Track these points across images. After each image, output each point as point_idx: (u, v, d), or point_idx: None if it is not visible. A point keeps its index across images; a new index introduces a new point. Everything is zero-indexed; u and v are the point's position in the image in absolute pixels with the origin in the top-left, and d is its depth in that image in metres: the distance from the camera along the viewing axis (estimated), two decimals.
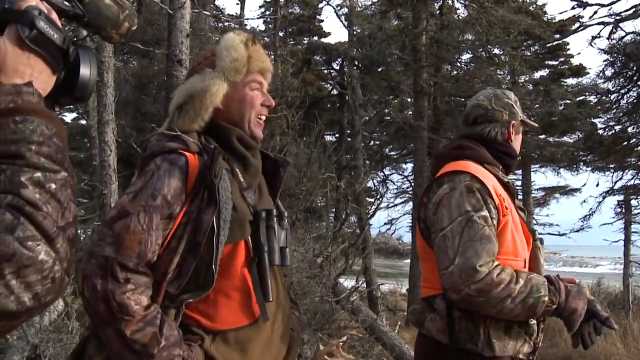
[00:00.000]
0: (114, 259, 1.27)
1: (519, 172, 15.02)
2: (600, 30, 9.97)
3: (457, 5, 11.32)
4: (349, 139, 13.24)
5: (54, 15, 0.80)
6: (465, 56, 11.80)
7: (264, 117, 1.58)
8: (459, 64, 11.88)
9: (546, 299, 1.76)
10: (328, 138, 15.06)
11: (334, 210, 12.89)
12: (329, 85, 16.27)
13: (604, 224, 13.07)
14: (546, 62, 14.45)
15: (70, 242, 0.69)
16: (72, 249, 0.69)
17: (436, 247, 1.83)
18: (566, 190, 15.48)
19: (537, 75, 14.75)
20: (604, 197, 12.55)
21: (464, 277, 1.71)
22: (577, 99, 13.05)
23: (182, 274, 1.36)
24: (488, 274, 1.71)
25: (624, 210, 12.89)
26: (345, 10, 13.21)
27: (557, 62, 14.73)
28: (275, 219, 1.50)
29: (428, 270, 1.96)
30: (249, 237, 1.45)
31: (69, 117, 15.02)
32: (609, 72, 10.65)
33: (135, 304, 1.26)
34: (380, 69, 13.18)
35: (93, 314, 1.28)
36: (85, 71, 0.82)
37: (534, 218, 14.38)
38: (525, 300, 1.74)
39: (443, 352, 1.86)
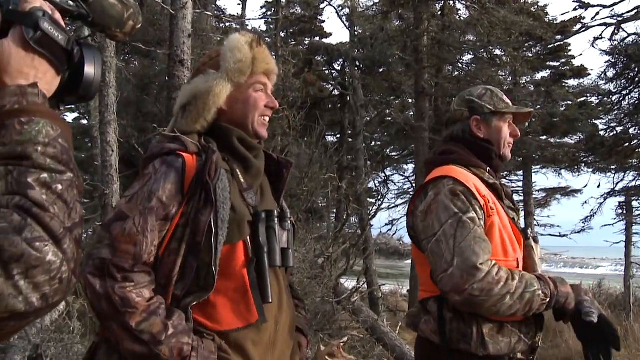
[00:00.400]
0: (110, 261, 1.29)
1: (520, 173, 15.03)
2: (602, 32, 9.95)
3: (459, 6, 11.31)
4: (350, 140, 13.25)
5: (58, 16, 0.80)
6: (467, 57, 11.81)
7: (267, 118, 1.58)
8: (460, 65, 11.88)
9: (540, 292, 1.78)
10: (329, 139, 15.10)
11: (335, 210, 12.91)
12: (330, 85, 16.29)
13: (605, 225, 13.07)
14: (548, 63, 14.43)
15: (77, 242, 0.69)
16: (79, 249, 0.69)
17: (430, 252, 1.84)
18: (567, 192, 15.48)
19: (538, 76, 14.75)
20: (605, 199, 12.57)
21: (465, 277, 1.71)
22: (579, 100, 13.06)
23: (185, 275, 1.36)
24: (489, 272, 1.72)
25: (625, 212, 12.88)
26: (347, 11, 13.22)
27: (558, 63, 14.72)
28: (276, 220, 1.49)
29: (423, 274, 1.97)
30: (248, 238, 1.44)
31: (70, 117, 15.05)
32: (610, 74, 10.66)
33: (137, 296, 1.28)
34: (381, 70, 13.20)
35: (97, 313, 1.29)
36: (89, 70, 0.82)
37: (534, 219, 14.38)
38: (522, 296, 1.75)
39: (437, 354, 1.87)
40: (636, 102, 10.65)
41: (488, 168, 2.00)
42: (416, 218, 1.94)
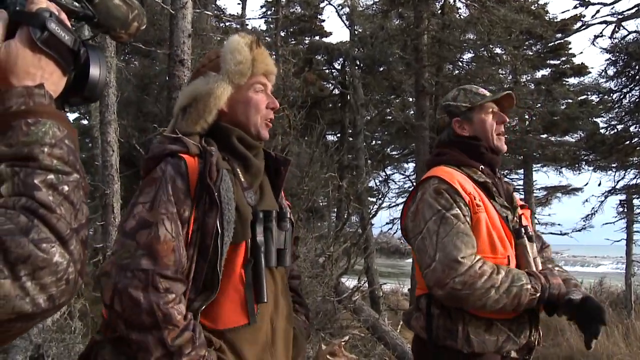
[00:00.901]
0: (154, 271, 1.28)
1: (521, 171, 15.03)
2: (603, 30, 9.98)
3: (459, 4, 11.29)
4: (351, 139, 13.23)
5: (64, 17, 0.80)
6: (467, 56, 11.78)
7: (270, 119, 1.58)
8: (460, 64, 11.85)
9: (529, 286, 1.80)
10: (330, 138, 15.09)
11: (335, 210, 12.91)
12: (330, 85, 16.29)
13: (606, 224, 13.04)
14: (548, 62, 14.44)
15: (83, 243, 0.69)
16: (85, 250, 0.69)
17: (416, 250, 1.90)
18: (568, 190, 15.48)
19: (539, 74, 14.75)
20: (606, 197, 12.54)
21: (447, 271, 1.76)
22: (579, 98, 13.07)
23: (196, 278, 1.37)
24: (471, 266, 1.75)
25: (626, 210, 12.85)
26: (347, 9, 13.22)
27: (559, 62, 14.72)
28: (274, 220, 1.50)
29: (418, 272, 2.00)
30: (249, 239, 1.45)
31: (70, 117, 15.02)
32: (611, 72, 10.67)
33: (177, 313, 1.28)
34: (381, 69, 13.18)
35: (132, 324, 1.27)
36: (95, 71, 0.82)
37: (535, 217, 14.37)
38: (509, 290, 1.77)
39: (426, 349, 1.92)
40: (637, 99, 10.65)
41: (481, 166, 2.02)
42: (407, 219, 1.99)
